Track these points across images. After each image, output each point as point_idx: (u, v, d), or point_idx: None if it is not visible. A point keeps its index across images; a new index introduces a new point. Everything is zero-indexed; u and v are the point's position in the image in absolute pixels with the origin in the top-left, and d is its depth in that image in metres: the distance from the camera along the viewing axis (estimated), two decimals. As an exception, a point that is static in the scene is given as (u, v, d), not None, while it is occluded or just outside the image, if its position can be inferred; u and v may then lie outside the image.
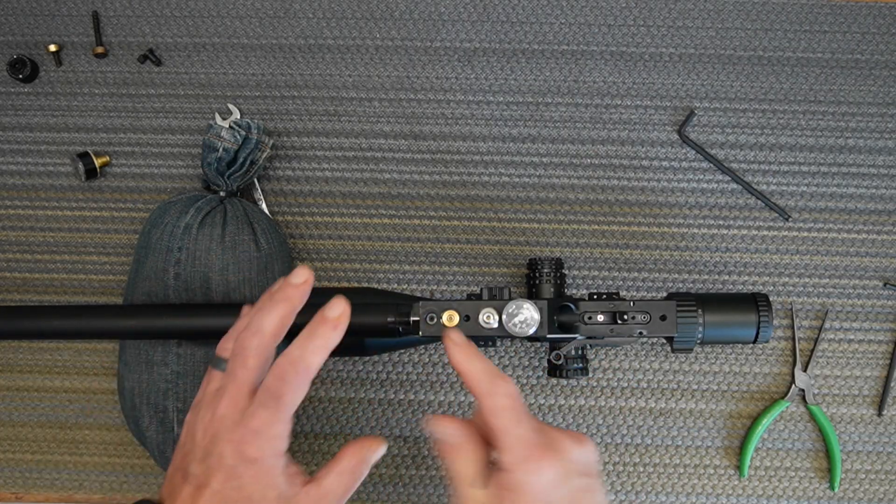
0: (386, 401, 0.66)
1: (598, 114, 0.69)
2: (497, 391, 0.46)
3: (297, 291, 0.49)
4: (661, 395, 0.66)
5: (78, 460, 0.66)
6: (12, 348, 0.67)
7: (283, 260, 0.63)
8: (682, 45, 0.69)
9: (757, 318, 0.59)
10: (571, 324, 0.58)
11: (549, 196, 0.68)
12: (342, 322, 0.48)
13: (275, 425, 0.45)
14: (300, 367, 0.46)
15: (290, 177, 0.68)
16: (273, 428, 0.45)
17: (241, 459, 0.45)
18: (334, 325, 0.47)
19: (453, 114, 0.69)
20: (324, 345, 0.47)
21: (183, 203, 0.62)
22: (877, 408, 0.66)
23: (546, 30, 0.70)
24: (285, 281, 0.50)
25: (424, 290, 0.67)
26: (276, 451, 0.45)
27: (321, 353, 0.46)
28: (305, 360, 0.46)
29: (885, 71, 0.69)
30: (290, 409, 0.46)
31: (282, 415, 0.45)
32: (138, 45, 0.70)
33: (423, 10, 0.70)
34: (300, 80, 0.69)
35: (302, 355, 0.46)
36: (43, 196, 0.68)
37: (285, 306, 0.48)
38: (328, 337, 0.47)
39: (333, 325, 0.47)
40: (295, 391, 0.46)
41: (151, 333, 0.58)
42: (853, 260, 0.67)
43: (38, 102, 0.69)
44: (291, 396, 0.46)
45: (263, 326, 0.48)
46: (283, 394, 0.45)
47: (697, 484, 0.65)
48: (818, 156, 0.68)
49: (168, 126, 0.69)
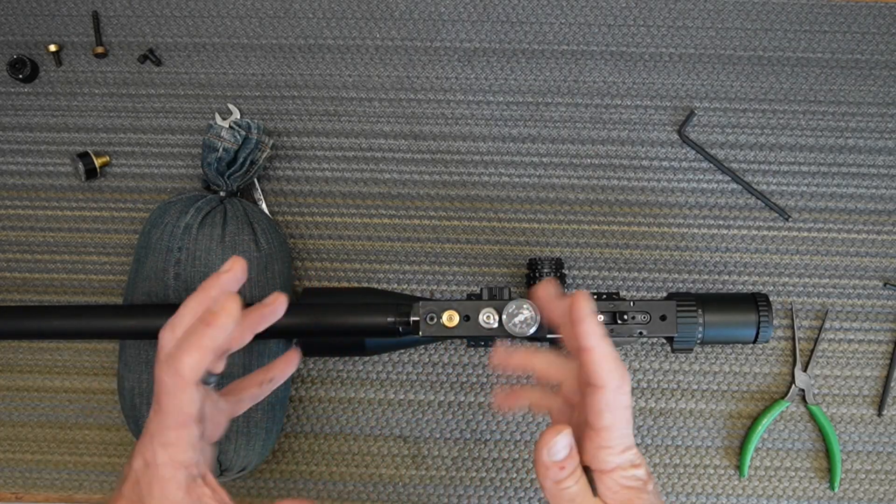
0: (386, 401, 0.66)
1: (598, 114, 0.69)
2: (625, 387, 0.43)
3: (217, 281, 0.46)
4: (661, 395, 0.66)
5: (78, 460, 0.66)
6: (12, 348, 0.67)
7: (283, 260, 0.63)
8: (682, 45, 0.69)
9: (757, 318, 0.59)
10: (571, 324, 0.58)
11: (549, 196, 0.68)
12: (220, 318, 0.42)
13: (164, 432, 0.42)
14: (171, 368, 0.42)
15: (290, 177, 0.68)
16: (163, 434, 0.42)
17: (142, 464, 0.43)
18: (207, 322, 0.42)
19: (453, 114, 0.69)
20: (197, 343, 0.41)
21: (183, 203, 0.62)
22: (877, 408, 0.66)
23: (546, 30, 0.70)
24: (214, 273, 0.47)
25: (424, 290, 0.67)
26: (173, 459, 0.42)
27: (192, 353, 0.41)
28: (176, 360, 0.41)
29: (885, 71, 0.69)
30: (174, 415, 0.42)
31: (168, 420, 0.42)
32: (138, 45, 0.70)
33: (423, 10, 0.70)
34: (300, 80, 0.69)
35: (174, 355, 0.42)
36: (43, 196, 0.68)
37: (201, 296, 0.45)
38: (202, 334, 0.42)
39: (206, 322, 0.42)
40: (172, 396, 0.42)
41: (151, 333, 0.58)
42: (853, 260, 0.67)
43: (38, 102, 0.69)
44: (169, 401, 0.42)
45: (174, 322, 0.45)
46: (160, 399, 0.42)
47: (697, 484, 0.65)
48: (818, 156, 0.68)
49: (168, 126, 0.69)
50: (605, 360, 0.42)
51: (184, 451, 0.42)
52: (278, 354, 0.61)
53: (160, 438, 0.42)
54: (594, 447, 0.43)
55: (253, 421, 0.60)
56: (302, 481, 0.65)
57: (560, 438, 0.42)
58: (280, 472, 0.65)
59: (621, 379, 0.42)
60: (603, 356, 0.42)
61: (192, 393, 0.42)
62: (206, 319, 0.42)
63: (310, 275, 0.67)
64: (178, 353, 0.42)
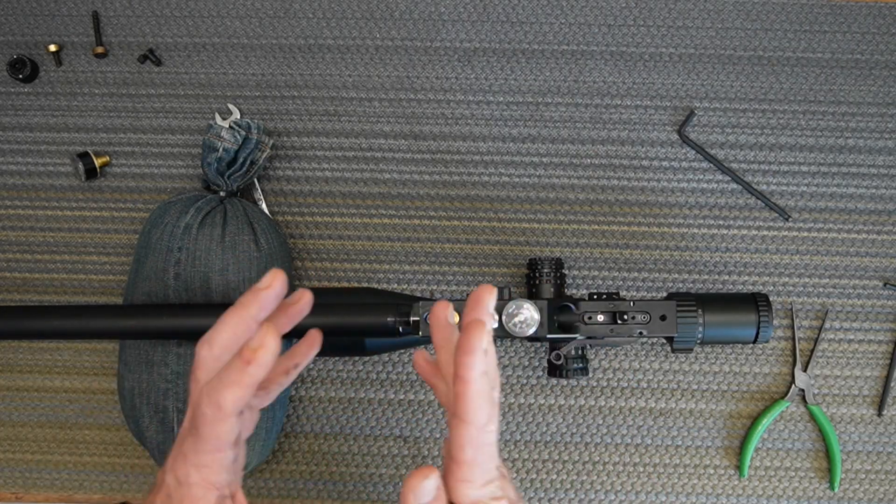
0: (386, 401, 0.66)
1: (598, 114, 0.69)
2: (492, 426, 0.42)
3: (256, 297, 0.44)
4: (661, 395, 0.66)
5: (78, 460, 0.66)
6: (12, 348, 0.67)
7: (283, 260, 0.63)
8: (682, 45, 0.69)
9: (757, 318, 0.59)
10: (571, 324, 0.58)
11: (549, 196, 0.68)
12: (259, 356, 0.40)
13: (199, 456, 0.42)
14: (213, 401, 0.41)
15: (290, 177, 0.68)
16: (197, 456, 0.42)
17: (174, 479, 0.43)
18: (247, 360, 0.40)
19: (453, 114, 0.69)
20: (237, 381, 0.41)
21: (183, 203, 0.62)
22: (877, 408, 0.66)
23: (546, 30, 0.70)
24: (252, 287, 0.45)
25: (424, 290, 0.67)
26: (205, 480, 0.42)
27: (234, 390, 0.41)
28: (218, 395, 0.41)
29: (885, 71, 0.69)
30: (211, 441, 0.42)
31: (204, 445, 0.42)
32: (138, 45, 0.70)
33: (423, 10, 0.70)
34: (300, 80, 0.69)
35: (216, 388, 0.41)
36: (43, 196, 0.68)
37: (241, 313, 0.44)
38: (242, 372, 0.41)
39: (246, 360, 0.40)
40: (211, 426, 0.41)
41: (151, 333, 0.58)
42: (853, 260, 0.67)
43: (38, 102, 0.69)
44: (207, 430, 0.41)
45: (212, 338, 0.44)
46: (198, 425, 0.42)
47: (697, 484, 0.65)
48: (818, 156, 0.68)
49: (168, 126, 0.69)
50: (477, 396, 0.41)
51: (217, 473, 0.43)
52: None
53: (194, 460, 0.42)
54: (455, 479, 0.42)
55: (253, 421, 0.60)
56: (302, 481, 0.65)
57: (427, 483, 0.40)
58: (280, 472, 0.65)
59: (489, 418, 0.41)
60: (476, 393, 0.41)
61: (233, 424, 0.42)
62: (246, 357, 0.41)
63: (310, 275, 0.67)
64: (219, 388, 0.41)
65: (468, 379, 0.41)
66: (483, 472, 0.42)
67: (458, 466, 0.42)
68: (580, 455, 0.65)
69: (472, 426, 0.41)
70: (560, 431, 0.65)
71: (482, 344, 0.41)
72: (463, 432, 0.41)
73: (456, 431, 0.41)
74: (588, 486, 0.65)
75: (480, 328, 0.41)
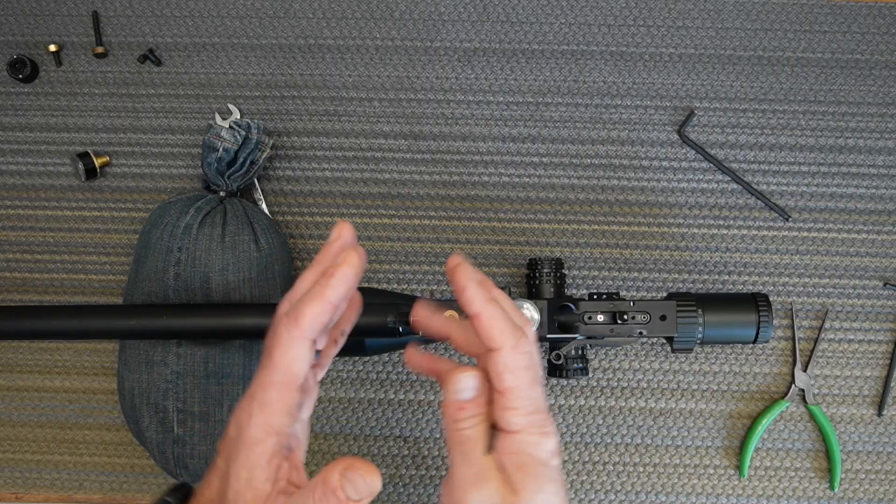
0: (386, 401, 0.66)
1: (598, 114, 0.69)
2: (521, 346, 0.41)
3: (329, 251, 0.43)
4: (661, 395, 0.66)
5: (78, 460, 0.66)
6: (12, 348, 0.67)
7: (283, 260, 0.63)
8: (682, 45, 0.69)
9: (757, 318, 0.59)
10: (571, 324, 0.58)
11: (549, 196, 0.68)
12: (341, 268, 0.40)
13: (266, 389, 0.39)
14: (291, 318, 0.39)
15: (290, 177, 0.68)
16: (265, 392, 0.40)
17: (235, 427, 0.41)
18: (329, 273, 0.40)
19: (453, 114, 0.69)
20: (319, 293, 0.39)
21: (183, 203, 0.62)
22: (877, 408, 0.66)
23: (546, 30, 0.70)
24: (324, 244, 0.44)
25: (424, 290, 0.67)
26: (267, 422, 0.39)
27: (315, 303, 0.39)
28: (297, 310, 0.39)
29: (885, 71, 0.69)
30: (281, 371, 0.40)
31: (274, 376, 0.39)
32: (138, 45, 0.70)
33: (423, 10, 0.70)
34: (300, 80, 0.69)
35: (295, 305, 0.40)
36: (43, 196, 0.68)
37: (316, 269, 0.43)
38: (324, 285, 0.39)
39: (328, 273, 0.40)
40: (285, 348, 0.39)
41: (151, 333, 0.58)
42: (853, 260, 0.67)
43: (38, 102, 0.69)
44: (280, 356, 0.39)
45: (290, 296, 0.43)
46: (271, 352, 0.40)
47: (697, 484, 0.65)
48: (818, 156, 0.68)
49: (168, 126, 0.69)
50: (494, 321, 0.40)
51: (280, 414, 0.40)
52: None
53: (261, 396, 0.40)
54: (499, 408, 0.41)
55: (253, 421, 0.60)
56: (302, 481, 0.65)
57: (465, 378, 0.40)
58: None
59: (516, 339, 0.40)
60: (491, 318, 0.40)
61: (305, 350, 0.40)
62: (328, 272, 0.40)
63: (310, 275, 0.67)
64: (299, 304, 0.40)
65: (477, 310, 0.41)
66: (528, 400, 0.41)
67: (501, 395, 0.40)
68: (580, 455, 0.65)
69: (503, 351, 0.40)
70: (560, 431, 0.65)
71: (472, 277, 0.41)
72: (496, 360, 0.40)
73: (491, 363, 0.41)
74: (588, 487, 0.65)
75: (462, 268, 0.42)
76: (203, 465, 0.59)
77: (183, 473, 0.59)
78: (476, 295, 0.41)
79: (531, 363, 0.41)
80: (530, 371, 0.41)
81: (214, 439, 0.58)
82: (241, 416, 0.40)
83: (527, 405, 0.41)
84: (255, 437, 0.39)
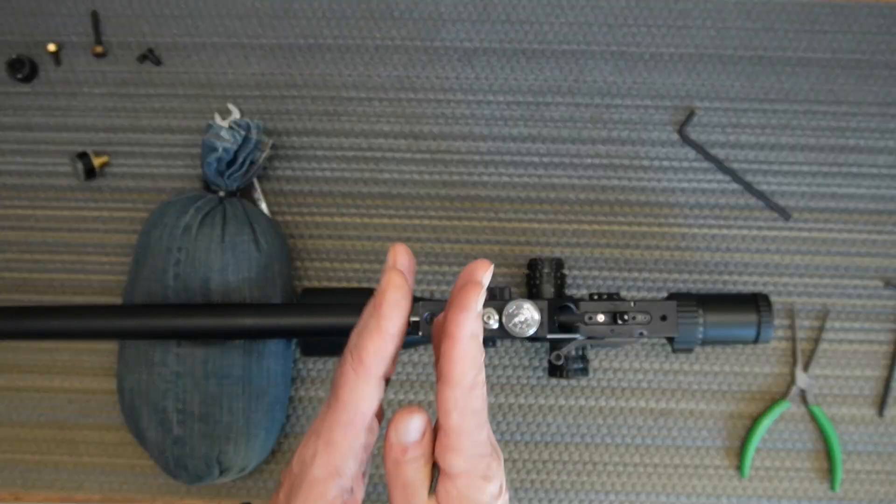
0: (386, 401, 0.66)
1: (598, 114, 0.69)
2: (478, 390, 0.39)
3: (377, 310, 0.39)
4: (662, 396, 0.66)
5: (78, 460, 0.65)
6: (12, 348, 0.67)
7: (283, 260, 0.63)
8: (682, 45, 0.69)
9: (757, 318, 0.59)
10: (572, 324, 0.58)
11: (549, 196, 0.68)
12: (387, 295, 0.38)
13: (333, 428, 0.39)
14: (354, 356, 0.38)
15: (290, 177, 0.68)
16: (330, 431, 0.39)
17: (299, 464, 0.40)
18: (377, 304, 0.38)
19: (453, 114, 0.69)
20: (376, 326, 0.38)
21: (182, 203, 0.62)
22: (877, 408, 0.66)
23: (546, 30, 0.70)
24: None
25: (424, 290, 0.67)
26: (331, 462, 0.39)
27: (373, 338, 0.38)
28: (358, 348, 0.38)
29: (885, 71, 0.69)
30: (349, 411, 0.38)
31: (341, 416, 0.38)
32: (138, 45, 0.70)
33: (423, 10, 0.70)
34: (300, 80, 0.69)
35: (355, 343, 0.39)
36: (43, 196, 0.68)
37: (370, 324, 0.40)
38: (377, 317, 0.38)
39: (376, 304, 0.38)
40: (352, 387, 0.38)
41: (151, 333, 0.58)
42: (853, 260, 0.67)
43: (37, 102, 0.69)
44: (347, 394, 0.38)
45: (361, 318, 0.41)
46: (338, 391, 0.39)
47: (698, 484, 0.65)
48: (819, 156, 0.68)
49: (168, 126, 0.69)
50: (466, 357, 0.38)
51: (344, 455, 0.39)
52: (279, 354, 0.61)
53: (326, 435, 0.39)
54: (442, 448, 0.39)
55: (253, 421, 0.60)
56: (302, 482, 0.65)
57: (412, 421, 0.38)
58: (280, 472, 0.65)
59: (474, 380, 0.38)
60: (465, 352, 0.38)
61: (373, 387, 0.39)
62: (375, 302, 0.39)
63: (310, 275, 0.67)
64: (358, 341, 0.39)
65: (457, 336, 0.38)
66: (472, 444, 0.39)
67: (444, 434, 0.38)
68: (580, 455, 0.65)
69: (458, 388, 0.38)
70: (560, 432, 0.65)
71: (477, 305, 0.38)
72: (448, 395, 0.38)
73: (441, 395, 0.38)
74: (588, 487, 0.65)
75: (477, 288, 0.38)
76: (202, 466, 0.59)
77: (182, 474, 0.59)
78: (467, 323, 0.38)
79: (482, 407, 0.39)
80: (479, 415, 0.39)
81: (214, 439, 0.58)
82: (305, 454, 0.39)
83: (470, 448, 0.39)
84: (317, 476, 0.39)
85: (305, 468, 0.39)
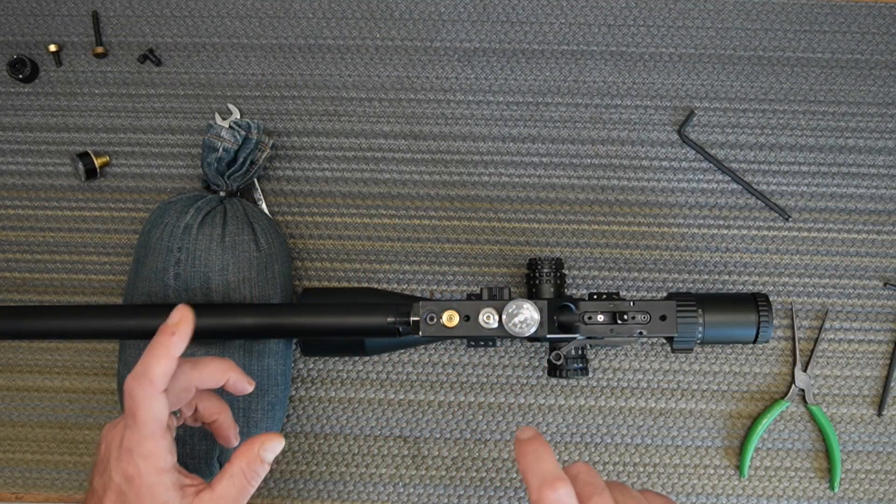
0: (386, 401, 0.66)
1: (598, 114, 0.69)
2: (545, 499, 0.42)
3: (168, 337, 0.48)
4: (661, 395, 0.66)
5: (78, 460, 0.66)
6: (12, 348, 0.67)
7: (283, 260, 0.63)
8: (682, 45, 0.69)
9: (757, 318, 0.59)
10: (571, 324, 0.58)
11: (549, 196, 0.68)
12: (181, 327, 0.48)
13: (143, 443, 0.46)
14: (143, 380, 0.46)
15: (290, 177, 0.68)
16: (142, 446, 0.46)
17: (123, 478, 0.46)
18: (171, 332, 0.48)
19: (453, 114, 0.69)
20: (165, 353, 0.47)
21: (183, 203, 0.62)
22: (877, 408, 0.66)
23: (546, 30, 0.70)
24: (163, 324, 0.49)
25: (424, 290, 0.67)
26: (155, 468, 0.46)
27: (163, 361, 0.47)
28: (147, 372, 0.46)
29: (885, 71, 0.69)
30: (150, 425, 0.46)
31: (145, 431, 0.46)
32: (138, 45, 0.70)
33: (423, 10, 0.70)
34: (300, 80, 0.69)
35: (143, 369, 0.47)
36: (43, 196, 0.68)
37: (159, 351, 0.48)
38: (167, 344, 0.47)
39: (171, 331, 0.48)
40: (147, 407, 0.46)
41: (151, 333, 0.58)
42: (853, 260, 0.67)
43: (38, 102, 0.69)
44: (145, 412, 0.46)
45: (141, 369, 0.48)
46: (135, 411, 0.46)
47: (697, 484, 0.65)
48: (818, 156, 0.68)
49: (168, 126, 0.69)
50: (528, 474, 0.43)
51: (163, 458, 0.47)
52: (279, 354, 0.61)
53: (139, 450, 0.46)
54: None
55: (253, 421, 0.60)
56: (302, 481, 0.65)
57: None
58: (280, 472, 0.65)
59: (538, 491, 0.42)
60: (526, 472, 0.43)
61: (163, 401, 0.47)
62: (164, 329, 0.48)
63: (310, 275, 0.67)
64: (146, 364, 0.47)
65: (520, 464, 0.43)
66: None
67: None
68: (580, 455, 0.65)
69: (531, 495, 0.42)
70: (560, 431, 0.65)
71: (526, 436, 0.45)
72: None
73: None
74: (588, 486, 0.65)
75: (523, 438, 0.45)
76: (202, 465, 0.59)
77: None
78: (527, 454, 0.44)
79: None
80: None
81: (213, 439, 0.58)
82: (128, 468, 0.46)
83: None
84: (153, 482, 0.46)
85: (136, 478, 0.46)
